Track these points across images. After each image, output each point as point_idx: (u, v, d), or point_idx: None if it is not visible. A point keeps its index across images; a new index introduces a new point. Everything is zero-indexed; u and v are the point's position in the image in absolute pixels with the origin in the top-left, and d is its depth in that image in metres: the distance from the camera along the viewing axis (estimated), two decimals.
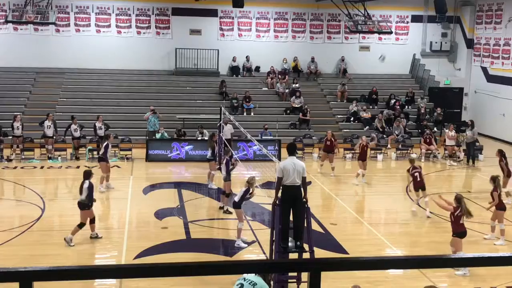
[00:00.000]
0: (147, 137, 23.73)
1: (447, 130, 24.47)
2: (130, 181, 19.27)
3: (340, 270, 2.35)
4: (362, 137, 21.06)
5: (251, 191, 13.44)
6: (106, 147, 18.14)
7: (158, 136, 23.42)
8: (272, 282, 9.83)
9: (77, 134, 22.69)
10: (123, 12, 29.63)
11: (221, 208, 16.27)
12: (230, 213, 15.20)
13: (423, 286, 7.84)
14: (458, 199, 12.10)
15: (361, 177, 19.58)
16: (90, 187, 13.42)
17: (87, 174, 13.72)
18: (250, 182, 13.55)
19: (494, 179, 14.05)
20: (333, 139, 21.16)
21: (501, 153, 18.32)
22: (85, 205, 13.33)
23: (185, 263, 2.50)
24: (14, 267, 2.33)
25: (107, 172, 18.20)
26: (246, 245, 13.34)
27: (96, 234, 13.52)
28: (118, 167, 21.52)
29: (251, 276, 7.03)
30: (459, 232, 11.84)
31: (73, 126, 22.64)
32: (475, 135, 23.88)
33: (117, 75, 29.10)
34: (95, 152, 22.79)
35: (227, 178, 16.14)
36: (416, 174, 16.11)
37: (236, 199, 13.46)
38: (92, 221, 13.49)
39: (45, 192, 17.73)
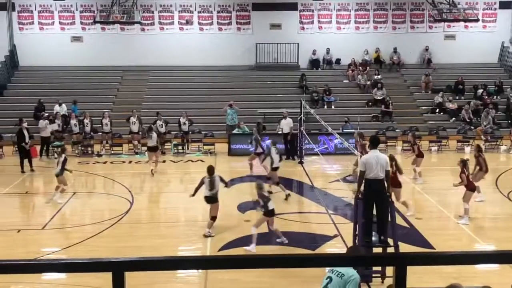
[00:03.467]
0: (226, 132, 24.07)
1: None
2: None
3: (427, 264, 2.30)
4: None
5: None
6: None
7: (235, 131, 23.62)
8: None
9: (162, 129, 23.36)
10: (205, 9, 30.16)
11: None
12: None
13: None
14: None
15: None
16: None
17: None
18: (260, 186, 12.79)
19: (463, 162, 14.31)
20: None
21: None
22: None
23: (268, 255, 2.53)
24: (107, 258, 2.44)
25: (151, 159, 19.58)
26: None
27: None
28: (202, 161, 21.98)
29: (339, 268, 6.94)
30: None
31: (159, 122, 23.32)
32: None
33: (199, 71, 29.69)
34: (180, 147, 23.41)
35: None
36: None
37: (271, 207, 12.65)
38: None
39: (133, 186, 18.38)
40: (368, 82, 28.64)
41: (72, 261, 2.41)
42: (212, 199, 13.52)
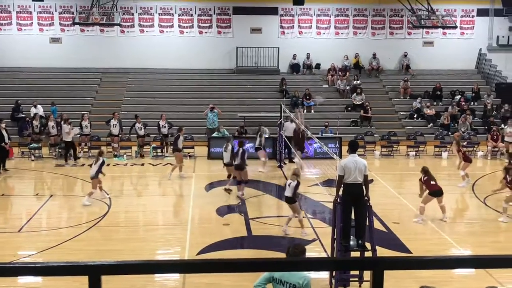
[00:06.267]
0: (206, 135, 24.03)
1: (505, 127, 23.78)
2: (193, 179, 19.56)
3: (404, 269, 2.32)
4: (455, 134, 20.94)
5: (299, 183, 13.59)
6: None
7: (215, 134, 23.62)
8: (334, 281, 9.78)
9: (141, 132, 23.24)
10: (186, 12, 30.11)
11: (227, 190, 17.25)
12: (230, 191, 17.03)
13: (488, 284, 7.63)
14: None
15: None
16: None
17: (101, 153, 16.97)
18: (297, 174, 13.67)
19: (507, 170, 15.21)
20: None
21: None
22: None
23: (248, 259, 2.53)
24: (84, 261, 2.42)
25: (180, 162, 19.41)
26: (306, 233, 13.67)
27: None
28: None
29: (284, 277, 6.84)
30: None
31: (137, 125, 23.20)
32: None
33: (179, 74, 29.62)
34: (159, 150, 23.30)
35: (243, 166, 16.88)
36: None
37: (289, 194, 13.56)
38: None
39: (111, 189, 18.25)
40: (348, 87, 28.82)
41: (48, 264, 2.39)
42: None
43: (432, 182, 14.72)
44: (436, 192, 14.69)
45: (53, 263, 2.38)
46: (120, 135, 23.38)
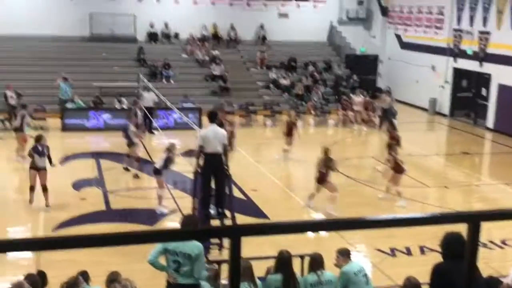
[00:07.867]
0: (59, 106, 22.90)
1: (354, 96, 25.31)
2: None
3: (261, 235, 2.39)
4: (291, 112, 20.16)
5: (171, 157, 13.45)
6: (23, 117, 17.18)
7: (70, 106, 22.62)
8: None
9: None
10: None
11: (126, 169, 16.65)
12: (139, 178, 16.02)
13: (341, 246, 8.17)
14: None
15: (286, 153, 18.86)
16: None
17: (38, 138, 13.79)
18: (170, 149, 13.49)
19: (389, 145, 15.01)
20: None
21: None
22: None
23: (105, 234, 2.46)
24: None
25: (23, 143, 17.55)
26: (167, 211, 13.35)
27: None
28: (32, 137, 20.72)
29: (180, 247, 6.93)
30: None
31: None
32: (393, 101, 24.94)
33: (28, 40, 27.72)
34: (7, 123, 21.83)
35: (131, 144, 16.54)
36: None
37: (157, 166, 13.43)
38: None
39: None
40: (206, 58, 28.85)
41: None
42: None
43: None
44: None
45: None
46: None
